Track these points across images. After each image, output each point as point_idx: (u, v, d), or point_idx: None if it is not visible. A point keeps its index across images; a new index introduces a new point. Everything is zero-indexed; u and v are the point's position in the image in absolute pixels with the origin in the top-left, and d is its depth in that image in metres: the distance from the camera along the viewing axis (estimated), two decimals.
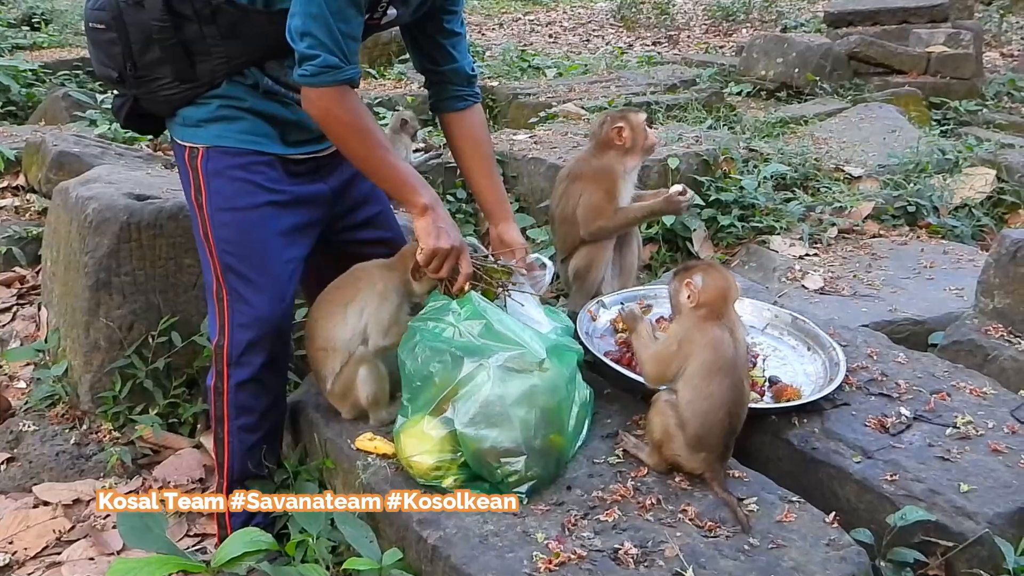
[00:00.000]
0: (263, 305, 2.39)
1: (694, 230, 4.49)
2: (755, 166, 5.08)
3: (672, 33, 13.03)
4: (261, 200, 2.36)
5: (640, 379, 2.36)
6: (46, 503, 2.82)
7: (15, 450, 3.04)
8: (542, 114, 6.33)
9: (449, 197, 4.64)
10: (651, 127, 3.32)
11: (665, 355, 2.20)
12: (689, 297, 2.21)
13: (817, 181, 5.18)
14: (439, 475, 2.19)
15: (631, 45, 12.21)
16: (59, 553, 2.64)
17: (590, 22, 14.25)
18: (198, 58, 2.29)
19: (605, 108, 6.18)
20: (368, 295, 2.45)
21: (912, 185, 5.03)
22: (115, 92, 2.51)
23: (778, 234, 4.54)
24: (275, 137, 2.39)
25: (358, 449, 2.35)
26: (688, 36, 12.94)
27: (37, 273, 3.98)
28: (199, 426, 3.10)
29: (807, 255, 4.34)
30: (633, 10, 14.04)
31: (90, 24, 2.37)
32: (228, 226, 2.36)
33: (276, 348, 2.44)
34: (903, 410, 2.51)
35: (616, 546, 1.96)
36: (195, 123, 2.37)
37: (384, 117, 5.60)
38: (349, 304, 2.45)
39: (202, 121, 2.35)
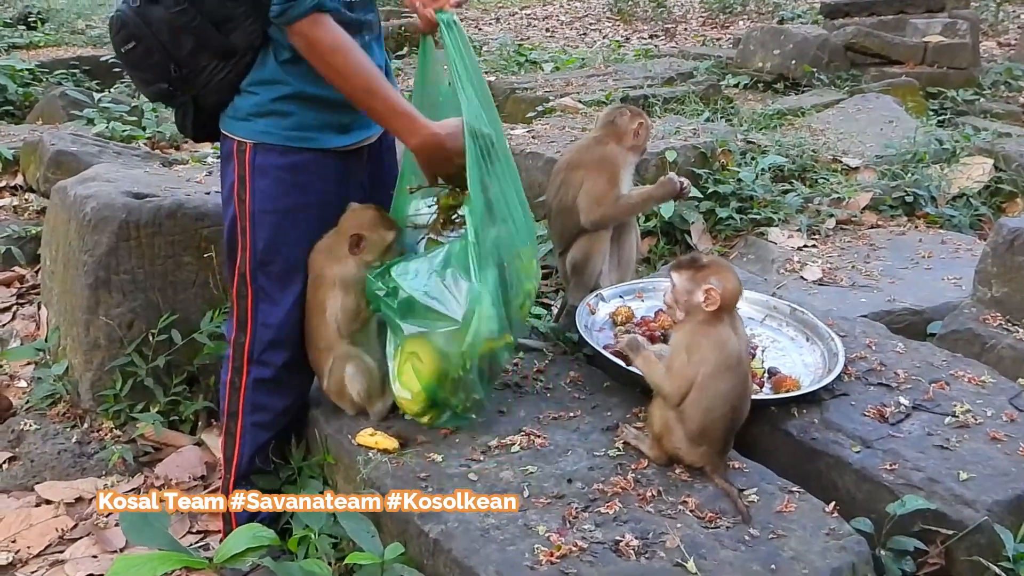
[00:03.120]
0: (291, 306, 2.40)
1: (692, 222, 4.49)
2: (753, 158, 5.08)
3: (669, 26, 13.03)
4: (304, 202, 2.35)
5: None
6: (48, 501, 2.82)
7: (17, 449, 3.04)
8: (539, 108, 6.33)
9: None
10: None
11: (680, 369, 2.15)
12: (707, 302, 2.13)
13: (815, 172, 5.18)
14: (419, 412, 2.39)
15: (628, 38, 12.21)
16: (62, 551, 2.64)
17: (587, 16, 14.24)
18: (228, 28, 2.22)
19: (603, 102, 6.18)
20: (330, 290, 2.41)
21: (910, 175, 5.04)
22: (175, 106, 2.43)
23: (776, 226, 4.54)
24: (327, 126, 2.34)
25: (359, 444, 2.36)
26: (685, 29, 12.94)
27: (36, 272, 3.99)
28: (200, 423, 3.11)
29: (805, 246, 4.34)
30: (630, 3, 14.03)
31: (122, 51, 2.30)
32: (268, 227, 2.35)
33: (298, 349, 2.45)
34: (902, 399, 2.51)
35: (617, 538, 1.97)
36: (245, 116, 2.31)
37: None
38: (325, 300, 2.42)
39: (251, 115, 2.30)
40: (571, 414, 2.49)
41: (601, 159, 3.09)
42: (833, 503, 2.11)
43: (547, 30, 13.22)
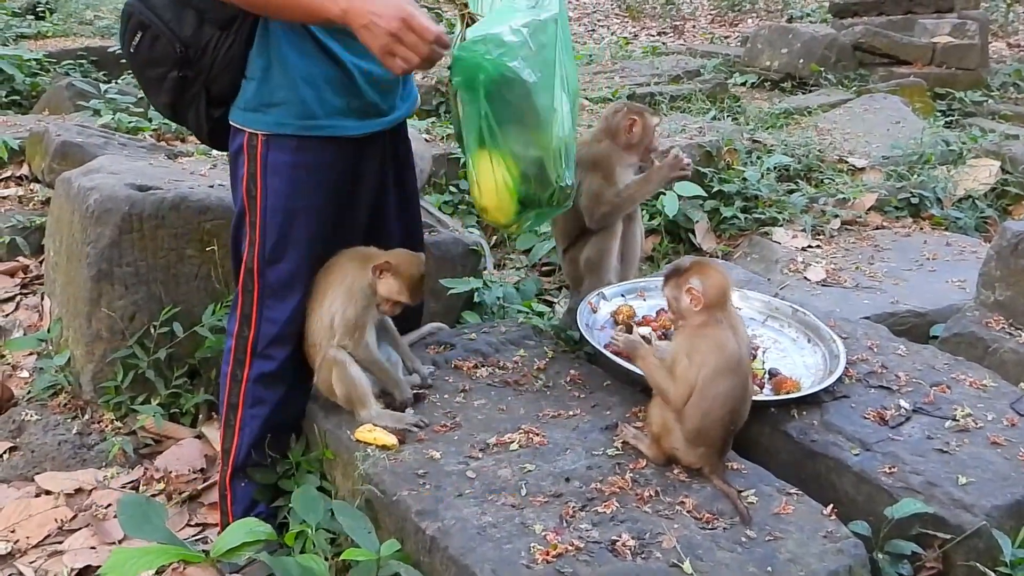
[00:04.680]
0: (297, 303, 2.41)
1: (696, 221, 4.49)
2: (758, 157, 5.07)
3: (677, 23, 13.00)
4: (317, 199, 2.35)
5: (640, 371, 2.36)
6: (48, 492, 2.83)
7: (17, 439, 3.04)
8: None
9: (452, 188, 4.65)
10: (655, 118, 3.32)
11: (683, 374, 2.15)
12: (692, 301, 2.17)
13: (820, 172, 5.17)
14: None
15: (636, 35, 12.19)
16: (61, 542, 2.65)
17: (595, 12, 14.21)
18: None
19: (609, 99, 6.18)
20: (337, 290, 2.41)
21: (916, 176, 5.03)
22: (186, 106, 2.38)
23: (781, 226, 4.54)
24: (339, 112, 2.31)
25: (357, 440, 2.36)
26: (693, 26, 12.92)
27: (40, 263, 3.99)
28: (201, 416, 3.11)
29: (810, 247, 4.34)
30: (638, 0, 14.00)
31: (132, 50, 2.31)
32: (279, 224, 2.34)
33: (301, 345, 2.46)
34: (902, 402, 2.51)
35: (614, 538, 1.96)
36: (255, 107, 2.29)
37: None
38: (324, 296, 2.42)
39: (262, 105, 2.28)
40: (570, 413, 2.48)
41: (596, 158, 3.10)
42: (831, 505, 2.10)
43: None
